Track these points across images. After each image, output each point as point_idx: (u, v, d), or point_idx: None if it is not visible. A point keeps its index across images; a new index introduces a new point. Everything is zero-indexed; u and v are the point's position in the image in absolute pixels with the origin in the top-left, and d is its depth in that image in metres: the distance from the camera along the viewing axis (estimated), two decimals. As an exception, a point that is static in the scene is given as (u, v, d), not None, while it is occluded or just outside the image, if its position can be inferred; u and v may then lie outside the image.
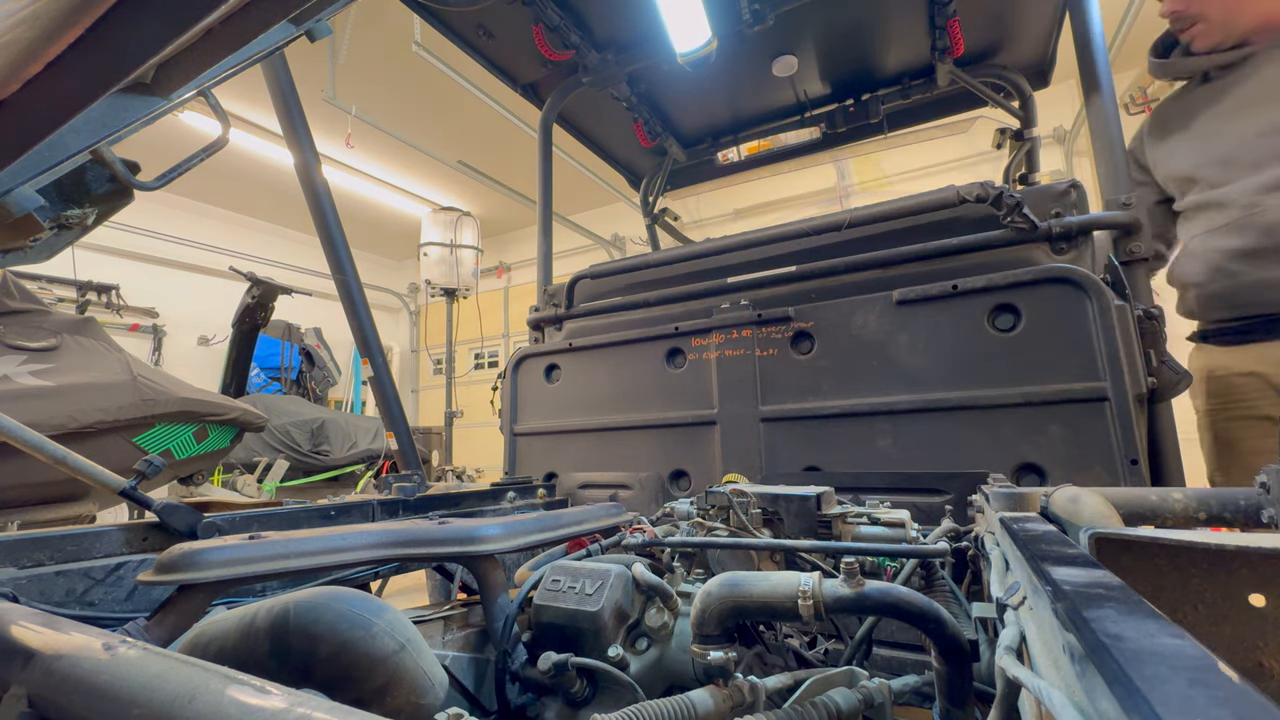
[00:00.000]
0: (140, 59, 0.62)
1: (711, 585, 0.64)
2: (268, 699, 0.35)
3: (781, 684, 0.68)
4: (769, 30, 2.31)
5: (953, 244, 1.61)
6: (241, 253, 7.43)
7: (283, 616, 0.61)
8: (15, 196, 0.84)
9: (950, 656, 0.55)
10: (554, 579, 0.79)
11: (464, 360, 9.22)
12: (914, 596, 0.55)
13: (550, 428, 2.09)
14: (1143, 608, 0.32)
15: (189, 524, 0.97)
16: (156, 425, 2.63)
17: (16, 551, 0.82)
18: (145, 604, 0.89)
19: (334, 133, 5.85)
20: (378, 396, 2.23)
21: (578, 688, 0.71)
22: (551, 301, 2.30)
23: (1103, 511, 0.72)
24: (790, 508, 1.06)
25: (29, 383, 2.32)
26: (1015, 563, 0.55)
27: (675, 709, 0.56)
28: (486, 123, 5.80)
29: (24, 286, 2.67)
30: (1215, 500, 0.75)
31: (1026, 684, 0.37)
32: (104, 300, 6.75)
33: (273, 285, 5.52)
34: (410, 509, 1.38)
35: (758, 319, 1.73)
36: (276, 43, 0.83)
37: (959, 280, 1.48)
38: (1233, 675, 0.24)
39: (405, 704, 0.62)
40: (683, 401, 1.84)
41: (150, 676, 0.38)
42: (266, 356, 7.11)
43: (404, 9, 2.29)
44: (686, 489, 1.82)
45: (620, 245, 8.34)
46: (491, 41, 2.45)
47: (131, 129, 0.81)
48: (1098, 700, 0.26)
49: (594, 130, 3.16)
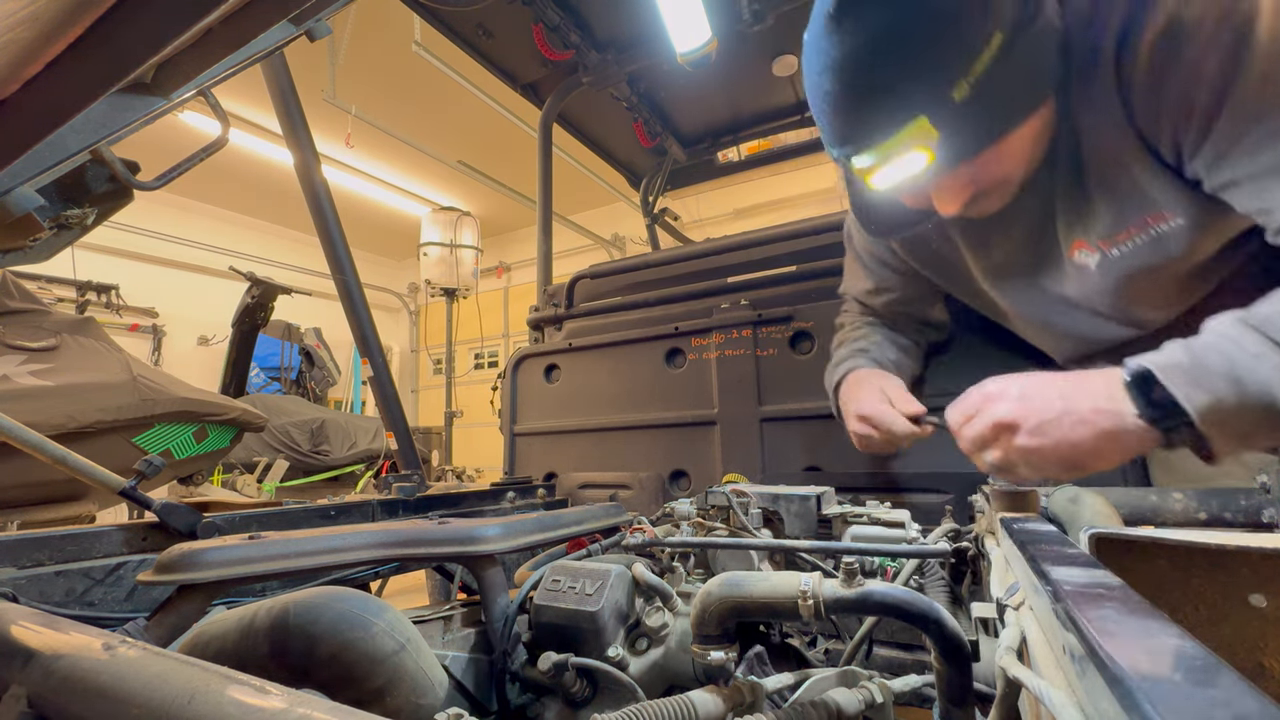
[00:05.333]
0: (140, 59, 0.62)
1: (711, 585, 0.64)
2: (267, 699, 0.35)
3: (781, 684, 0.68)
4: (769, 30, 2.31)
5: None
6: (241, 253, 7.43)
7: (282, 617, 0.61)
8: (15, 196, 0.84)
9: (950, 656, 0.55)
10: (554, 579, 0.79)
11: (464, 360, 9.22)
12: (914, 596, 0.55)
13: (550, 428, 2.09)
14: (1143, 608, 0.32)
15: (189, 524, 0.97)
16: (156, 425, 2.63)
17: (16, 551, 0.82)
18: (145, 604, 0.89)
19: (334, 133, 5.85)
20: (377, 396, 2.23)
21: (578, 688, 0.71)
22: (551, 301, 2.30)
23: (1103, 511, 0.72)
24: (790, 508, 1.06)
25: (29, 383, 2.32)
26: (1015, 563, 0.55)
27: (675, 709, 0.56)
28: (486, 123, 5.80)
29: (24, 286, 2.67)
30: (1215, 500, 0.75)
31: (1026, 684, 0.37)
32: (104, 300, 6.75)
33: (272, 285, 5.52)
34: (410, 509, 1.38)
35: (758, 319, 1.73)
36: (276, 43, 0.83)
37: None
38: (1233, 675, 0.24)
39: (405, 704, 0.62)
40: (683, 401, 1.84)
41: (150, 676, 0.38)
42: (266, 356, 7.10)
43: (404, 9, 2.29)
44: (686, 489, 1.82)
45: (620, 245, 8.34)
46: (491, 41, 2.45)
47: (131, 129, 0.81)
48: (1098, 700, 0.26)
49: (594, 130, 3.16)
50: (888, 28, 0.77)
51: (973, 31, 0.75)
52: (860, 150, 0.85)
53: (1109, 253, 0.93)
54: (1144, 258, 0.90)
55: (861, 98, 0.81)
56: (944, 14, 0.75)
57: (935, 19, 0.76)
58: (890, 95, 0.79)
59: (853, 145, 0.85)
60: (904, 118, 0.79)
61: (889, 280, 1.30)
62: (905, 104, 0.79)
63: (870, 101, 0.81)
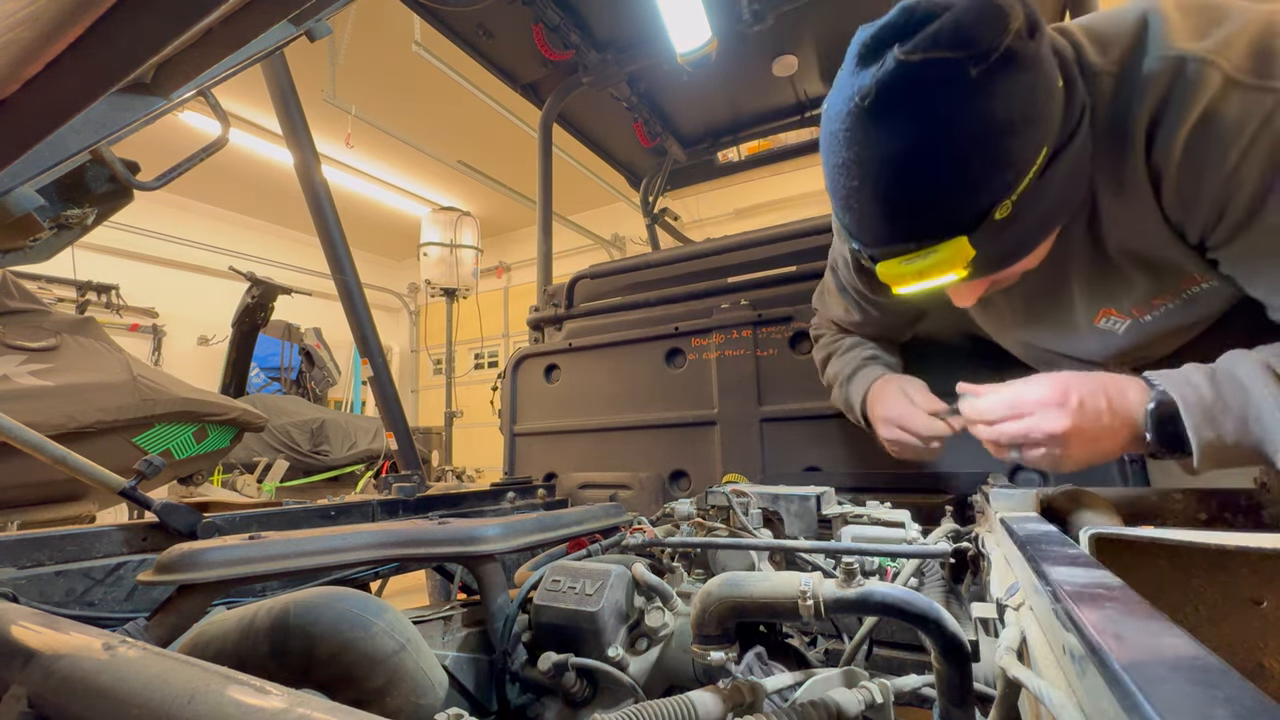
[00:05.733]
0: (140, 59, 0.62)
1: (711, 585, 0.64)
2: (267, 699, 0.35)
3: (781, 684, 0.68)
4: (769, 30, 2.31)
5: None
6: (241, 253, 7.42)
7: (282, 617, 0.61)
8: (15, 196, 0.84)
9: (950, 656, 0.55)
10: (554, 579, 0.79)
11: (464, 360, 9.22)
12: (914, 596, 0.55)
13: (550, 428, 2.09)
14: (1143, 608, 0.32)
15: (189, 524, 0.97)
16: (156, 425, 2.63)
17: (16, 551, 0.82)
18: (145, 604, 0.89)
19: (334, 133, 5.85)
20: (377, 396, 2.23)
21: (578, 688, 0.71)
22: (551, 301, 2.30)
23: (1103, 511, 0.72)
24: (790, 508, 1.06)
25: (29, 383, 2.32)
26: (1015, 563, 0.55)
27: (675, 709, 0.56)
28: (486, 123, 5.80)
29: (24, 286, 2.67)
30: (1215, 500, 0.75)
31: (1026, 684, 0.37)
32: (104, 300, 6.75)
33: (272, 285, 5.52)
34: (410, 509, 1.38)
35: (758, 319, 1.73)
36: (276, 43, 0.83)
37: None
38: (1233, 675, 0.24)
39: (405, 704, 0.62)
40: (683, 401, 1.84)
41: (150, 676, 0.38)
42: (266, 356, 7.10)
43: (404, 9, 2.29)
44: (686, 489, 1.82)
45: (620, 245, 8.33)
46: (491, 41, 2.45)
47: (131, 129, 0.81)
48: (1098, 700, 0.26)
49: (594, 130, 3.16)
50: (933, 136, 0.67)
51: (1025, 146, 0.68)
52: (886, 257, 0.77)
53: (1141, 319, 0.91)
54: (1177, 319, 0.90)
55: (894, 205, 0.72)
56: (999, 130, 0.66)
57: (989, 135, 0.66)
58: (928, 210, 0.71)
59: (877, 249, 0.77)
60: (941, 235, 0.71)
61: (871, 315, 1.29)
62: (945, 222, 0.71)
63: (903, 211, 0.72)
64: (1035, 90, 0.67)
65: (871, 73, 0.67)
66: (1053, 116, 0.70)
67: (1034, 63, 0.67)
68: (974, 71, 0.64)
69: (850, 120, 0.70)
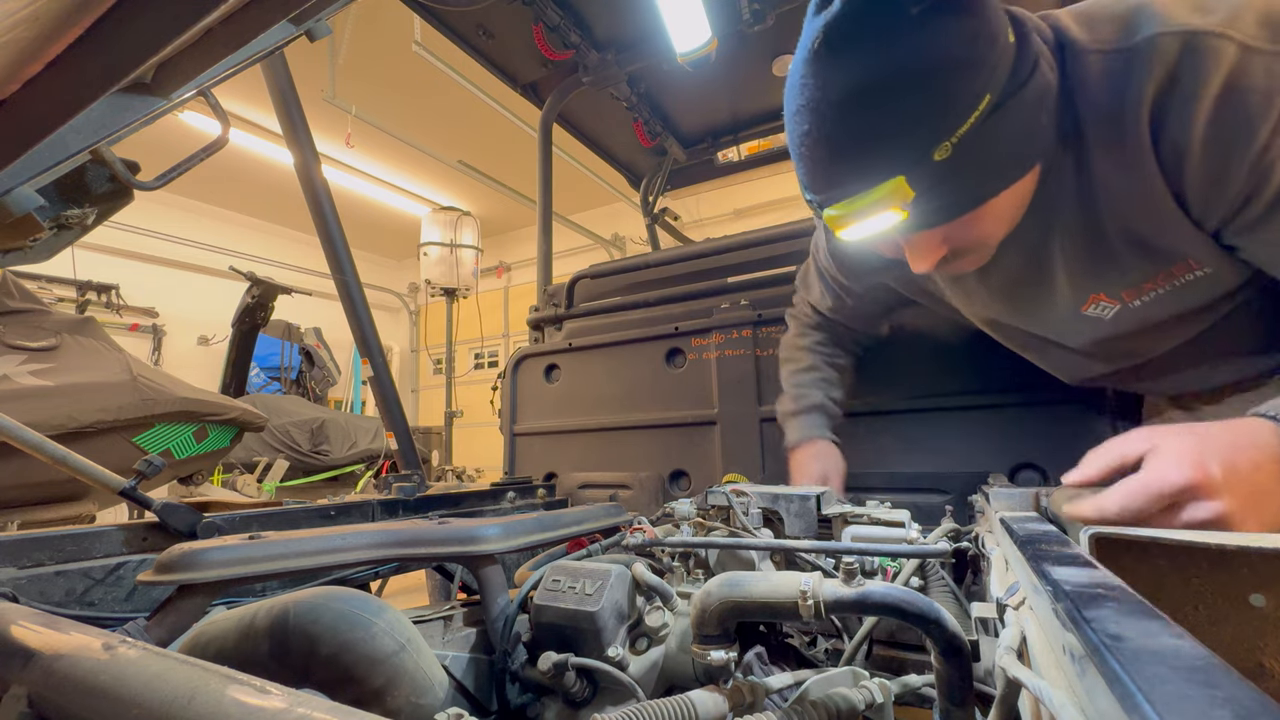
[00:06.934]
0: (140, 59, 0.62)
1: (711, 585, 0.64)
2: (267, 699, 0.35)
3: (782, 684, 0.68)
4: (769, 30, 2.31)
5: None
6: (241, 253, 7.43)
7: (282, 617, 0.61)
8: (15, 196, 0.84)
9: (950, 656, 0.54)
10: (554, 579, 0.79)
11: (464, 360, 9.22)
12: (914, 596, 0.55)
13: (550, 428, 2.09)
14: (1143, 608, 0.32)
15: (189, 524, 0.97)
16: (156, 425, 2.63)
17: (16, 551, 0.82)
18: (145, 604, 0.89)
19: (334, 133, 5.85)
20: (378, 396, 2.23)
21: (578, 688, 0.71)
22: (551, 301, 2.30)
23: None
24: (790, 508, 1.06)
25: (29, 383, 2.32)
26: (1015, 563, 0.55)
27: (675, 709, 0.56)
28: (486, 123, 5.80)
29: (24, 286, 2.67)
30: (1215, 500, 0.75)
31: (1026, 684, 0.37)
32: (104, 300, 6.75)
33: (273, 285, 5.52)
34: (410, 509, 1.38)
35: (758, 319, 1.73)
36: (276, 42, 0.83)
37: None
38: (1233, 675, 0.24)
39: (405, 704, 0.62)
40: (683, 401, 1.84)
41: (150, 676, 0.38)
42: (266, 356, 7.10)
43: (404, 9, 2.29)
44: (686, 489, 1.82)
45: (620, 245, 8.33)
46: (491, 41, 2.45)
47: (131, 129, 0.81)
48: (1098, 700, 0.26)
49: (594, 130, 3.16)
50: (874, 74, 0.69)
51: (963, 89, 0.69)
52: (831, 201, 0.78)
53: (1130, 304, 0.90)
54: (1166, 306, 0.88)
55: (837, 146, 0.74)
56: (936, 68, 0.68)
57: (926, 72, 0.69)
58: (868, 149, 0.73)
59: (823, 194, 0.79)
60: (881, 174, 0.73)
61: (845, 302, 1.32)
62: (884, 160, 0.72)
63: (846, 151, 0.74)
64: (977, 35, 0.69)
65: (823, 17, 0.71)
66: (995, 64, 0.70)
67: (976, 8, 0.69)
68: (914, 10, 0.67)
69: (805, 67, 0.74)
